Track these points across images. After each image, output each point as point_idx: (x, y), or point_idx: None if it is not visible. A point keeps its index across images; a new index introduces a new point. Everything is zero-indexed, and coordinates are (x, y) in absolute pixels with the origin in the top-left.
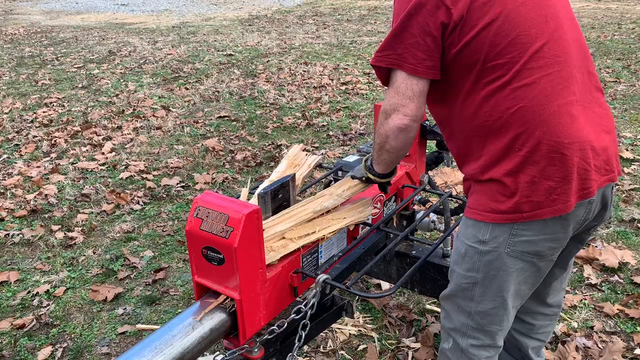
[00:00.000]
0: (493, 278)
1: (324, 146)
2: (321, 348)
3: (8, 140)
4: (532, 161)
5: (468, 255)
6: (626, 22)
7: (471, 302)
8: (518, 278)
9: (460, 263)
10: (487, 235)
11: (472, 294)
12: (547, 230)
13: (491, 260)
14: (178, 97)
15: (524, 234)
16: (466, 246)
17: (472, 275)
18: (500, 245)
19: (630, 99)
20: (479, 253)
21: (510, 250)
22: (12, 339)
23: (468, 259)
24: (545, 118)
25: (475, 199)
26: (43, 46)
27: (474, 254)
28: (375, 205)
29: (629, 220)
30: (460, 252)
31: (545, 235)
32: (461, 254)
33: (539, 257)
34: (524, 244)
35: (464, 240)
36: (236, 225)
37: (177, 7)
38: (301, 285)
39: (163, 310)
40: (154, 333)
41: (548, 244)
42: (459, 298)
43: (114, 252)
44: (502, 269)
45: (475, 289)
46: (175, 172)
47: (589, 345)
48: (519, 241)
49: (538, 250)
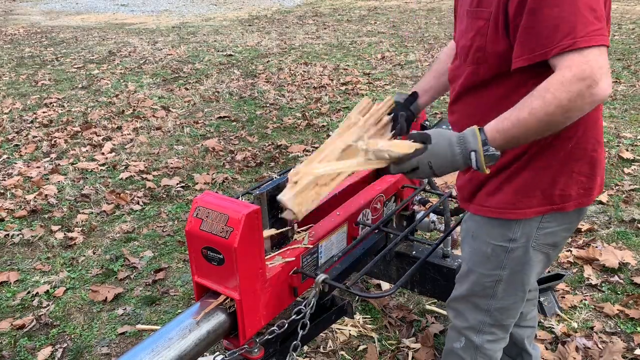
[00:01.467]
0: (518, 273)
1: None
2: (321, 348)
3: (8, 140)
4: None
5: (494, 255)
6: (626, 23)
7: (492, 299)
8: (536, 270)
9: (484, 263)
10: (518, 232)
11: (493, 292)
12: (566, 221)
13: (518, 256)
14: (178, 97)
15: (548, 226)
16: (492, 246)
17: (497, 274)
18: (528, 240)
19: (630, 99)
20: (507, 251)
21: (536, 244)
22: (12, 340)
23: (494, 258)
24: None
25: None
26: (43, 46)
27: (502, 252)
28: (375, 205)
29: (629, 220)
30: (486, 253)
31: (565, 226)
32: (486, 255)
33: (554, 248)
34: (547, 236)
35: (489, 240)
36: (236, 225)
37: (177, 8)
38: (301, 285)
39: (163, 311)
40: (153, 335)
41: (564, 234)
42: (478, 297)
43: (113, 252)
44: (527, 263)
45: (498, 286)
46: (175, 172)
47: (589, 346)
48: (543, 234)
49: (556, 241)
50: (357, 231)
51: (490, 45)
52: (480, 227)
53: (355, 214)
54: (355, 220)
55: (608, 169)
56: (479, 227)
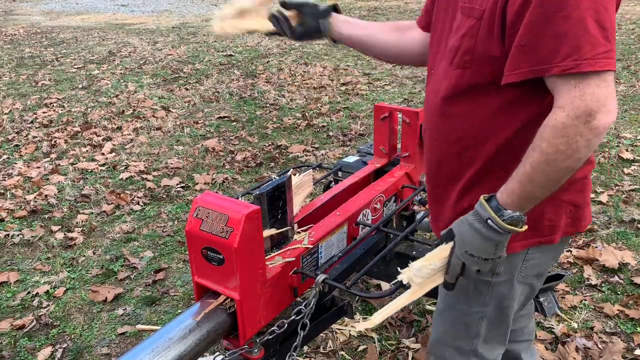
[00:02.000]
0: (502, 308)
1: (324, 147)
2: (321, 349)
3: (8, 140)
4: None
5: (477, 290)
6: (626, 23)
7: (475, 339)
8: (520, 301)
9: (464, 300)
10: (501, 266)
11: (477, 331)
12: (553, 251)
13: (502, 290)
14: (178, 97)
15: (534, 257)
16: (474, 281)
17: (480, 310)
18: (513, 274)
19: (630, 100)
20: (490, 286)
21: (521, 277)
22: (12, 340)
23: (476, 294)
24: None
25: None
26: (43, 47)
27: (484, 287)
28: (375, 205)
29: (629, 221)
30: (466, 288)
31: (551, 255)
32: (467, 290)
33: (539, 278)
34: (533, 267)
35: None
36: (236, 225)
37: (177, 8)
38: (301, 285)
39: (163, 311)
40: (153, 335)
41: (550, 262)
42: (460, 340)
43: (113, 252)
44: (511, 298)
45: (481, 324)
46: (175, 172)
47: (589, 346)
48: (529, 266)
49: (541, 272)
50: (357, 231)
51: (480, 48)
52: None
53: (355, 214)
54: (355, 221)
55: (608, 169)
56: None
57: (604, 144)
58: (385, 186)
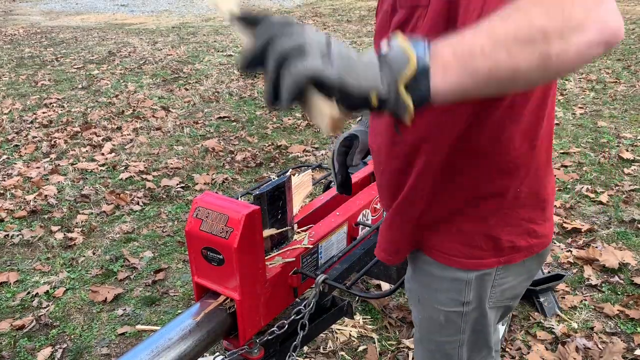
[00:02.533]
0: (480, 332)
1: (324, 147)
2: (321, 349)
3: (8, 141)
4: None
5: (450, 321)
6: (626, 23)
7: None
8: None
9: (439, 332)
10: (470, 294)
11: (458, 356)
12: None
13: (476, 317)
14: (178, 97)
15: (504, 282)
16: (445, 312)
17: (457, 339)
18: (482, 301)
19: (630, 100)
20: (462, 315)
21: (492, 303)
22: (11, 340)
23: (451, 325)
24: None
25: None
26: (43, 47)
27: (457, 318)
28: (375, 205)
29: (629, 221)
30: (438, 321)
31: (524, 276)
32: (439, 323)
33: (515, 299)
34: (504, 292)
35: (438, 307)
36: (236, 225)
37: (177, 8)
38: (301, 285)
39: (163, 311)
40: (153, 335)
41: (525, 283)
42: None
43: (113, 252)
44: (487, 324)
45: (461, 350)
46: (175, 172)
47: (589, 346)
48: (500, 291)
49: (517, 293)
50: (357, 231)
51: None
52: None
53: (355, 214)
54: (355, 221)
55: (608, 169)
56: (422, 289)
57: (604, 144)
58: None
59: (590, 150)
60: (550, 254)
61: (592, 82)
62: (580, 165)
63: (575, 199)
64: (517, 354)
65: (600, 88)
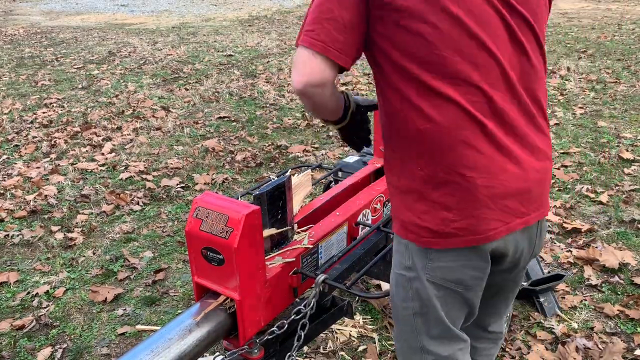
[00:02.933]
0: (426, 307)
1: (324, 147)
2: (321, 349)
3: (8, 141)
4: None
5: (400, 285)
6: (626, 23)
7: (419, 335)
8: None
9: (396, 295)
10: (409, 260)
11: (415, 326)
12: (463, 259)
13: (418, 287)
14: (178, 97)
15: (439, 259)
16: (396, 274)
17: (409, 305)
18: (422, 270)
19: (630, 100)
20: (408, 280)
21: (430, 277)
22: (11, 340)
23: (401, 289)
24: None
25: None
26: (43, 47)
27: (405, 282)
28: (375, 205)
29: (629, 221)
30: (394, 282)
31: (462, 262)
32: (395, 284)
33: (464, 287)
34: (443, 270)
35: (394, 269)
36: (236, 225)
37: (177, 8)
38: (301, 285)
39: (163, 311)
40: (153, 335)
41: (471, 273)
42: (407, 334)
43: (113, 252)
44: (430, 298)
45: (416, 320)
46: (175, 172)
47: (589, 346)
48: (436, 267)
49: (461, 279)
50: (357, 231)
51: None
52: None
53: (355, 214)
54: (355, 221)
55: (608, 169)
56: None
57: (604, 144)
58: (385, 186)
59: (590, 150)
60: (550, 254)
61: (592, 82)
62: (580, 165)
63: (575, 199)
64: (517, 353)
65: (600, 88)
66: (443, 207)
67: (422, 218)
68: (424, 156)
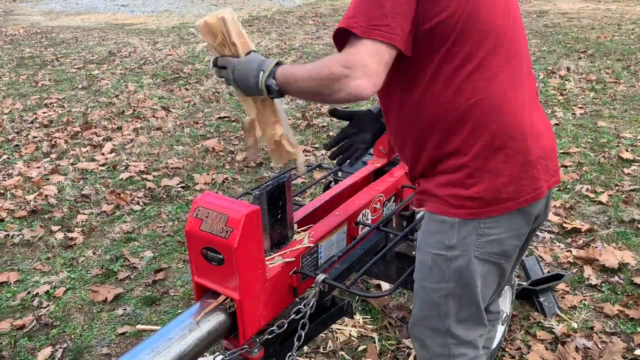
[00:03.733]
0: (465, 286)
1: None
2: (321, 349)
3: (8, 140)
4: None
5: (436, 266)
6: (626, 23)
7: (447, 318)
8: (487, 282)
9: (428, 277)
10: (454, 239)
11: (446, 309)
12: (512, 226)
13: (461, 266)
14: (178, 97)
15: (491, 232)
16: (432, 255)
17: (443, 287)
18: (469, 248)
19: (630, 100)
20: (447, 260)
21: (479, 253)
22: (12, 340)
23: (436, 270)
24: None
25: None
26: (43, 47)
27: (443, 262)
28: (374, 205)
29: (629, 221)
30: (427, 264)
31: (510, 232)
32: (428, 266)
33: (505, 258)
34: (491, 244)
35: (428, 250)
36: (236, 225)
37: (177, 8)
38: (301, 285)
39: (163, 311)
40: (153, 335)
41: (514, 242)
42: (432, 319)
43: (113, 252)
44: (472, 276)
45: (448, 302)
46: (175, 172)
47: (589, 346)
48: (485, 241)
49: (505, 250)
50: (356, 231)
51: None
52: (422, 235)
53: (355, 214)
54: (355, 220)
55: (608, 169)
56: (421, 235)
57: (604, 144)
58: (384, 186)
59: (590, 150)
60: (550, 254)
61: (592, 82)
62: (580, 165)
63: (575, 199)
64: (517, 353)
65: (600, 88)
66: (498, 174)
67: (474, 190)
68: (477, 128)
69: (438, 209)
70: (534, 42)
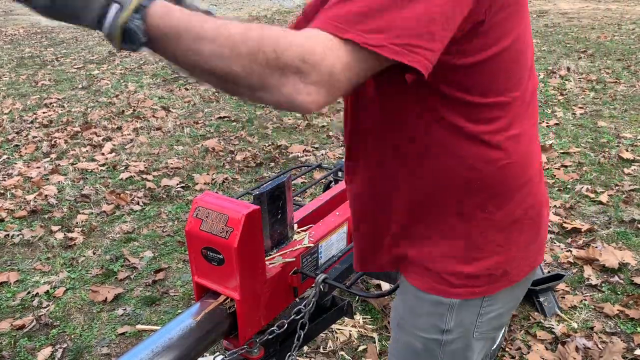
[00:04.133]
0: None
1: (324, 147)
2: (321, 349)
3: (8, 140)
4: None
5: (428, 351)
6: (626, 23)
7: None
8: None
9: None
10: (451, 322)
11: None
12: (514, 295)
13: (458, 348)
14: (178, 97)
15: (492, 309)
16: (423, 340)
17: None
18: (469, 330)
19: (630, 100)
20: (442, 344)
21: (478, 334)
22: (11, 340)
23: (427, 355)
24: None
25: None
26: (43, 47)
27: (436, 347)
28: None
29: (629, 221)
30: (415, 349)
31: (512, 303)
32: (416, 351)
33: (499, 330)
34: (491, 321)
35: (416, 333)
36: (236, 225)
37: None
38: (301, 285)
39: (163, 311)
40: (153, 335)
41: (512, 311)
42: None
43: (113, 252)
44: (469, 356)
45: None
46: (175, 172)
47: (589, 346)
48: (487, 320)
49: (503, 322)
50: None
51: None
52: (405, 311)
53: None
54: None
55: (608, 169)
56: (403, 310)
57: (604, 144)
58: None
59: (590, 150)
60: (550, 254)
61: (592, 82)
62: (580, 165)
63: (575, 199)
64: (517, 353)
65: (600, 88)
66: (511, 246)
67: (481, 266)
68: (496, 198)
69: (433, 288)
70: (534, 42)
